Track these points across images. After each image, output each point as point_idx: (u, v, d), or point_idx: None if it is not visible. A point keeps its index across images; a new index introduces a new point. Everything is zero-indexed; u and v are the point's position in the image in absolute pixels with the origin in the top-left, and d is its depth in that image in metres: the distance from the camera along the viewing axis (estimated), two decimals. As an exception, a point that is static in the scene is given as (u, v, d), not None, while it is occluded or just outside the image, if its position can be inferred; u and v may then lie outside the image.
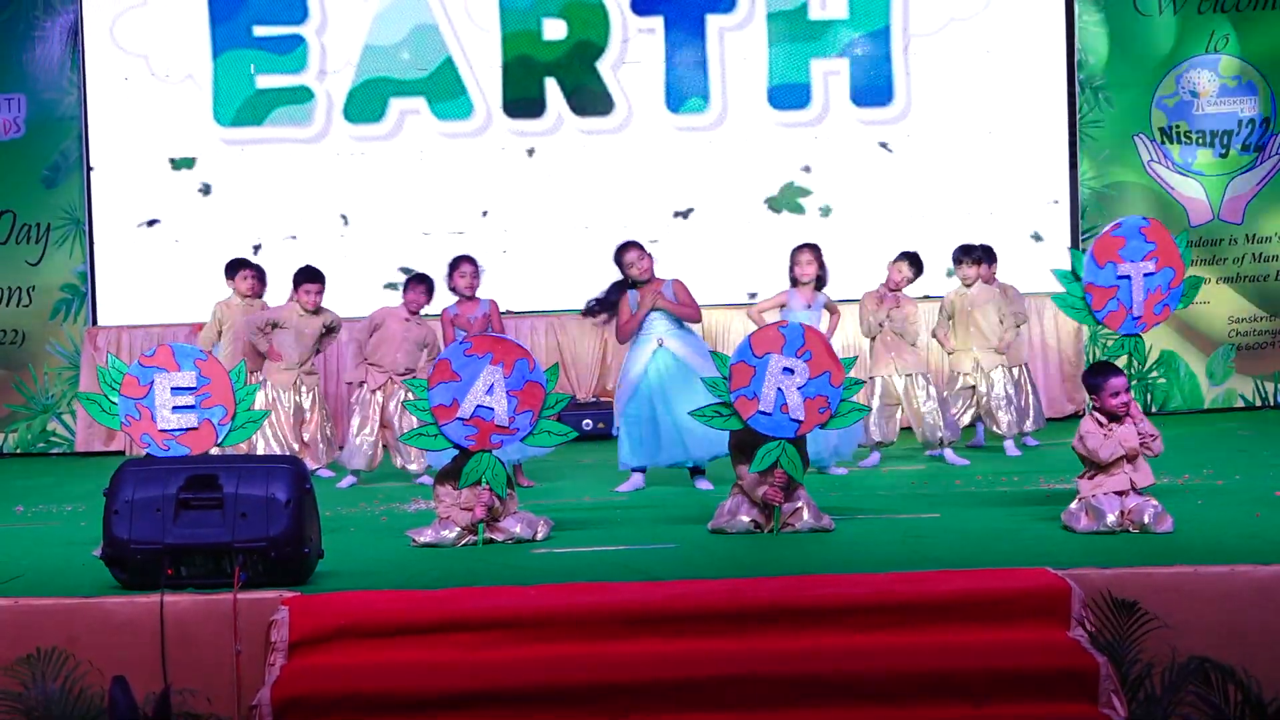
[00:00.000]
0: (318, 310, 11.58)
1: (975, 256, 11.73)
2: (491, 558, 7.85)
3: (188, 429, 8.31)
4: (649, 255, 10.44)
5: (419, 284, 11.30)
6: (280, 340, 11.53)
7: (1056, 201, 14.03)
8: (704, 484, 10.23)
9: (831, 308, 10.89)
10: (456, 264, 11.02)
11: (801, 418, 8.22)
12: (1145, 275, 8.54)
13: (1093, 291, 8.53)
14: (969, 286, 11.70)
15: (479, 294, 11.00)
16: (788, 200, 13.98)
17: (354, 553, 8.05)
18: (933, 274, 13.62)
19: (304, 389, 11.56)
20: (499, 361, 8.18)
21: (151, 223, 13.88)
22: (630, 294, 10.44)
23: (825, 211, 13.98)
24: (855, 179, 14.01)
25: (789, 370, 8.23)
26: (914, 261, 11.41)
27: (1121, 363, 8.52)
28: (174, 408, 8.31)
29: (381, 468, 11.27)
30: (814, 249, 10.93)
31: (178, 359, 8.37)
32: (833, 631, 6.61)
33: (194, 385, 8.31)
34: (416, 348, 11.18)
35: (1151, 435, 8.13)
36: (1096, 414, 8.15)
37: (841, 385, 8.26)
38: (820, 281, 10.82)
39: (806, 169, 13.98)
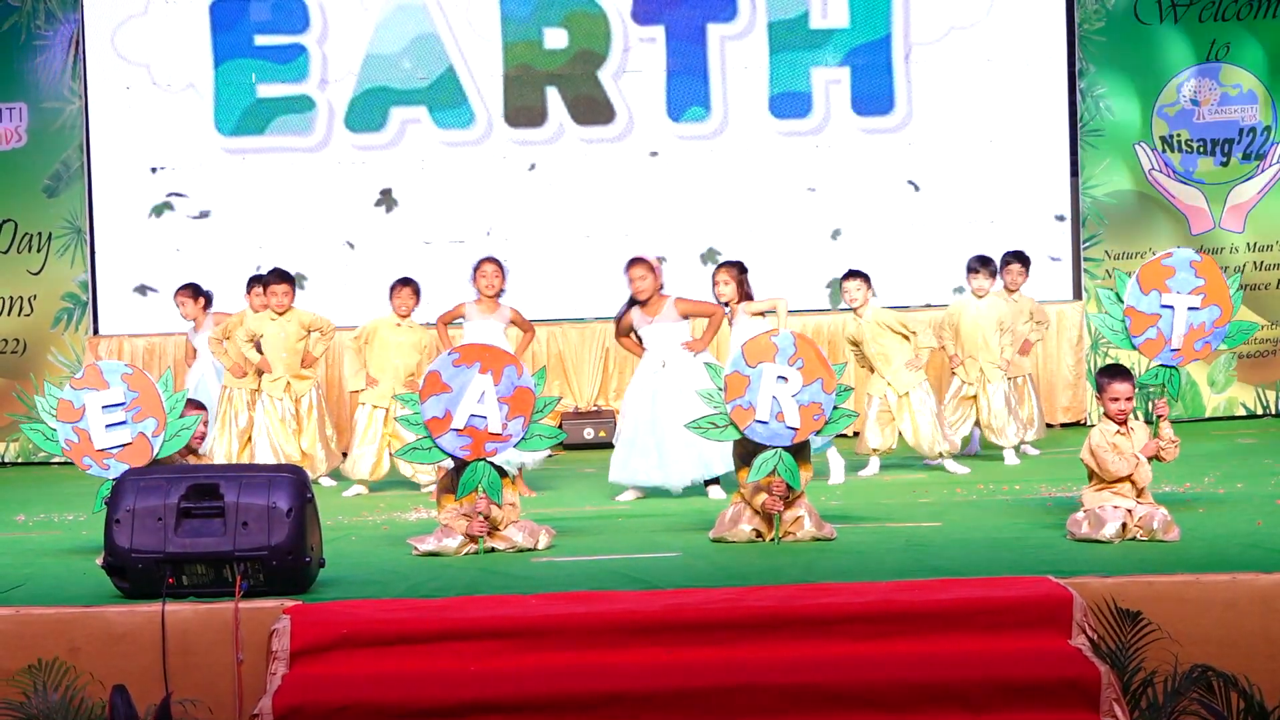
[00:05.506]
0: (287, 311, 11.55)
1: (993, 269, 11.67)
2: (493, 567, 7.85)
3: (123, 445, 8.32)
4: (654, 272, 10.44)
5: (404, 287, 11.29)
6: (265, 349, 11.52)
7: (1061, 218, 14.03)
8: (717, 493, 10.23)
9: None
10: (479, 264, 11.02)
11: (797, 425, 8.24)
12: (1189, 309, 8.51)
13: (1132, 316, 8.50)
14: (982, 299, 11.63)
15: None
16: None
17: (355, 561, 8.05)
18: (934, 281, 13.64)
19: (298, 395, 11.53)
20: (488, 370, 8.19)
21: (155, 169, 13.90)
22: (635, 313, 10.44)
23: (834, 235, 14.00)
24: (856, 187, 14.01)
25: (783, 378, 8.25)
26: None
27: (1138, 379, 8.47)
28: (107, 425, 8.34)
29: (388, 476, 11.26)
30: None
31: (106, 376, 8.41)
32: (834, 640, 6.61)
33: (123, 400, 8.34)
34: (413, 352, 11.18)
35: (1172, 441, 8.20)
36: (1105, 422, 8.15)
37: (834, 391, 8.28)
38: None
39: (811, 189, 14.01)
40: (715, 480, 10.31)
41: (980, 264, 11.65)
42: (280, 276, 11.60)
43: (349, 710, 6.29)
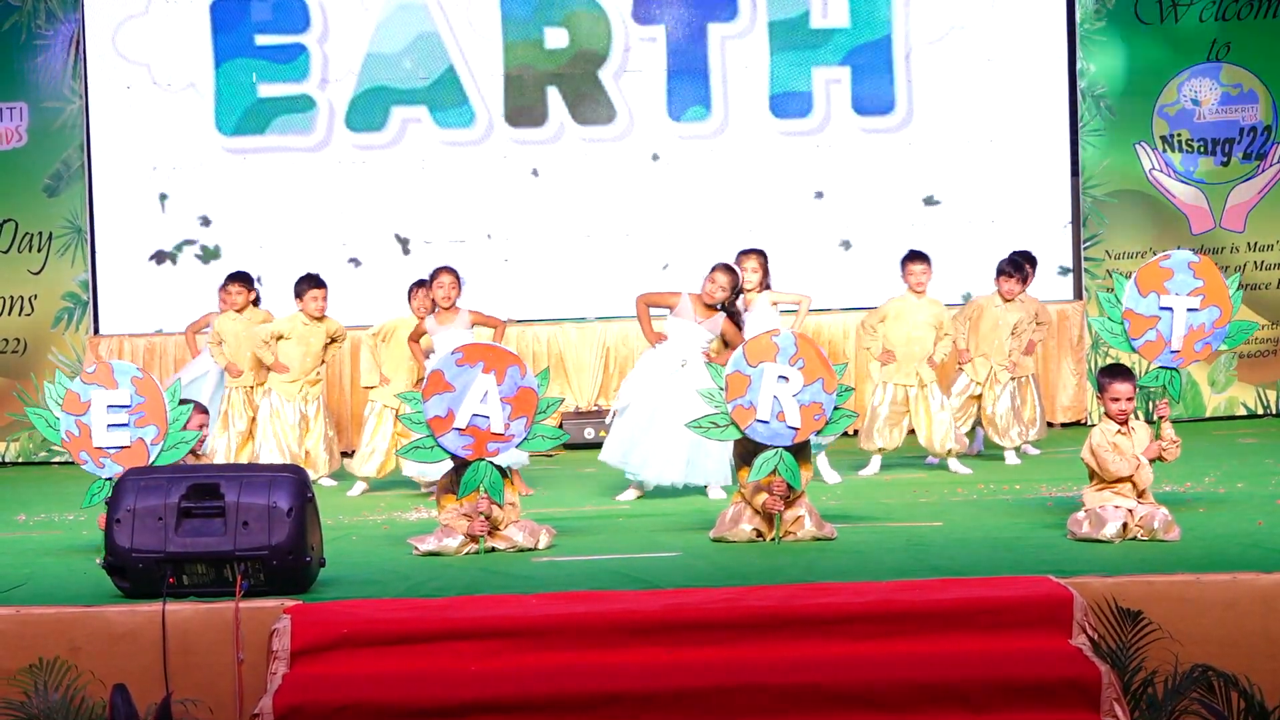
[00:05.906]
0: (322, 318, 11.55)
1: (1025, 274, 11.67)
2: (493, 566, 7.86)
3: (121, 447, 8.33)
4: (733, 289, 10.34)
5: (422, 288, 11.27)
6: (285, 352, 11.50)
7: (1066, 224, 14.02)
8: (717, 493, 10.21)
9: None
10: (435, 275, 10.97)
11: (798, 425, 8.24)
12: (1188, 310, 8.51)
13: (1131, 318, 8.51)
14: (1009, 301, 11.62)
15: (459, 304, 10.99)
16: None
17: (356, 561, 8.05)
18: (935, 281, 13.63)
19: (308, 399, 11.54)
20: (491, 370, 8.20)
21: (160, 256, 13.92)
22: (687, 303, 10.35)
23: (840, 240, 14.01)
24: (856, 187, 14.00)
25: (784, 378, 8.26)
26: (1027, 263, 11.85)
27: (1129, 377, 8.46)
28: (109, 425, 8.35)
29: (392, 475, 11.25)
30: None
31: (116, 376, 8.42)
32: (834, 640, 6.61)
33: (128, 403, 8.36)
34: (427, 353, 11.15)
35: (1174, 441, 8.22)
36: (1106, 422, 8.15)
37: (835, 392, 8.29)
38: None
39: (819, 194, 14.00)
40: (713, 481, 10.32)
41: (1013, 268, 11.62)
42: (316, 282, 11.52)
43: (349, 710, 6.29)
